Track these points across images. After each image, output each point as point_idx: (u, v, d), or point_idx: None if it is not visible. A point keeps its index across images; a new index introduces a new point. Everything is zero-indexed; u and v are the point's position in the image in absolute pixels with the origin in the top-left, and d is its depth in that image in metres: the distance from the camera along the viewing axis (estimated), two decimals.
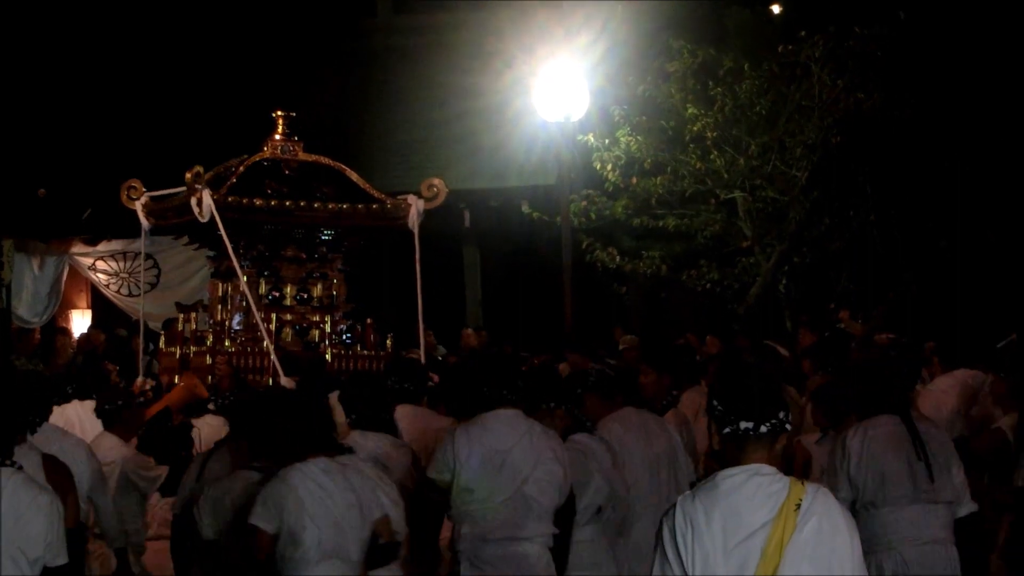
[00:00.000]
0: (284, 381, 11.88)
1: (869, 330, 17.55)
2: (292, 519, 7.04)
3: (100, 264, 22.83)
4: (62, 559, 6.25)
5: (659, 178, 21.85)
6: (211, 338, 13.64)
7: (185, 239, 16.88)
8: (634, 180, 22.02)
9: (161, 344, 14.53)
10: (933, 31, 21.49)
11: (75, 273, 23.16)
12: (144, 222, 13.66)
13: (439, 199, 14.22)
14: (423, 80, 26.06)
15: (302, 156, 14.16)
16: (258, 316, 13.07)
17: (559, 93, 20.73)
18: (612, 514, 8.86)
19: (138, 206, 13.61)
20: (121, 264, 22.71)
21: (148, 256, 21.49)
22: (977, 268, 21.59)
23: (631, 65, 22.27)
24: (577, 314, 20.27)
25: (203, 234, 13.91)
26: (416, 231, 14.17)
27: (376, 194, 14.05)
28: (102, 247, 22.73)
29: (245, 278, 13.35)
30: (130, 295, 22.32)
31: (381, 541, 7.20)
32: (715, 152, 21.42)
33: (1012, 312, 17.66)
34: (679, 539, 5.12)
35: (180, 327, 14.10)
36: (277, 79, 25.26)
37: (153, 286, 22.36)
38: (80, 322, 23.74)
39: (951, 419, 11.86)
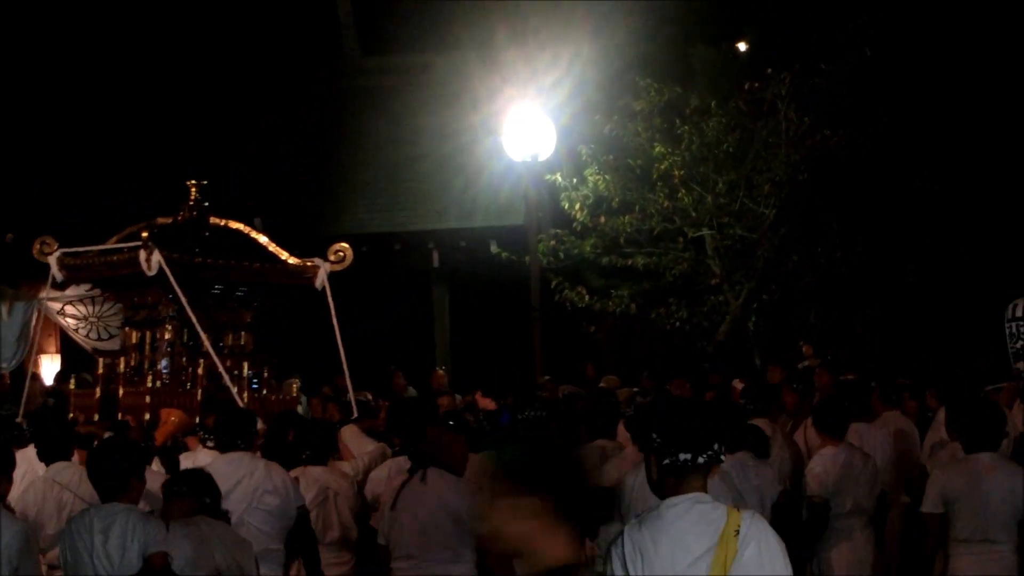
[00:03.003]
0: None
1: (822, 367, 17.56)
2: None
3: (69, 309, 22.72)
4: None
5: (627, 217, 21.90)
6: (150, 379, 14.12)
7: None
8: (602, 219, 22.06)
9: (72, 384, 15.14)
10: (899, 66, 21.63)
11: (45, 318, 23.09)
12: (58, 275, 14.30)
13: (345, 263, 14.79)
14: (390, 120, 26.03)
15: (213, 220, 14.69)
16: (218, 362, 13.64)
17: (526, 133, 20.75)
18: None
19: (52, 260, 14.20)
20: (90, 308, 22.61)
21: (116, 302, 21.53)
22: (947, 297, 21.72)
23: (597, 104, 22.32)
24: (547, 353, 20.26)
25: (119, 286, 14.63)
26: (328, 292, 14.74)
27: (283, 256, 14.64)
28: (71, 291, 22.61)
29: (170, 327, 14.05)
30: (99, 339, 22.28)
31: None
32: (683, 190, 21.49)
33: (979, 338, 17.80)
34: (629, 565, 5.46)
35: (100, 370, 14.50)
36: (241, 121, 25.31)
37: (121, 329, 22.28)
38: (50, 367, 23.63)
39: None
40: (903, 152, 21.71)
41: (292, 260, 14.71)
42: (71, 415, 14.08)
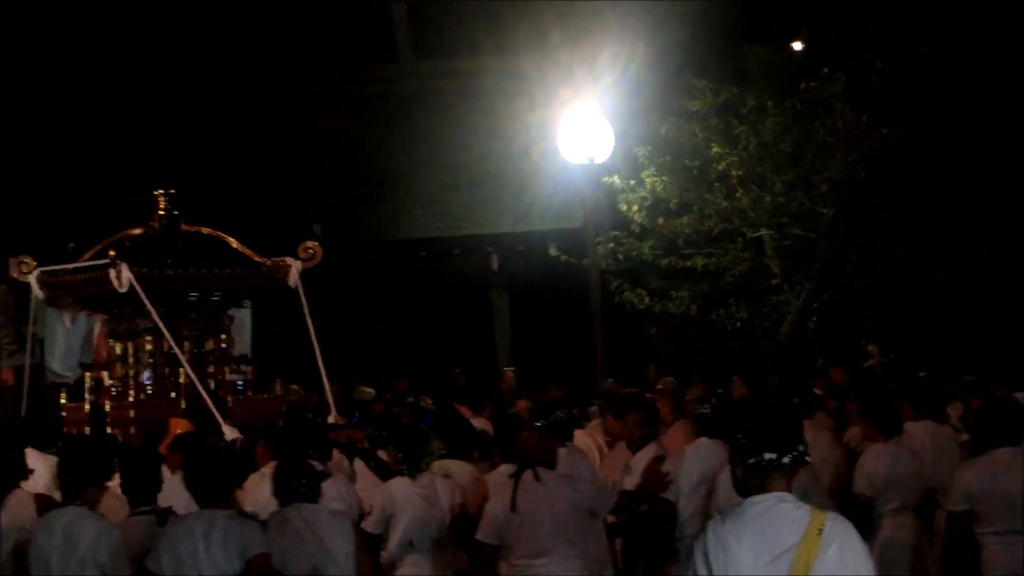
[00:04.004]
0: (226, 429, 12.60)
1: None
2: None
3: None
4: None
5: (685, 218, 21.90)
6: (133, 392, 14.62)
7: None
8: (660, 220, 22.05)
9: (63, 399, 15.44)
10: (956, 63, 21.54)
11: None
12: (39, 293, 14.67)
13: (315, 260, 15.03)
14: (447, 124, 26.11)
15: (185, 228, 15.05)
16: (189, 370, 14.02)
17: (583, 135, 20.73)
18: None
19: (31, 279, 14.56)
20: None
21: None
22: (1009, 295, 21.68)
23: (653, 106, 22.31)
24: (607, 355, 20.29)
25: (99, 301, 14.93)
26: (300, 290, 14.99)
27: (256, 258, 14.93)
28: None
29: (150, 339, 14.43)
30: None
31: None
32: (741, 191, 21.45)
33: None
34: (712, 560, 5.52)
35: (88, 383, 14.89)
36: (297, 126, 25.45)
37: None
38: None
39: None
40: (958, 149, 21.63)
41: (265, 261, 14.91)
42: (64, 428, 14.47)
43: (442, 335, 24.88)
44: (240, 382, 14.84)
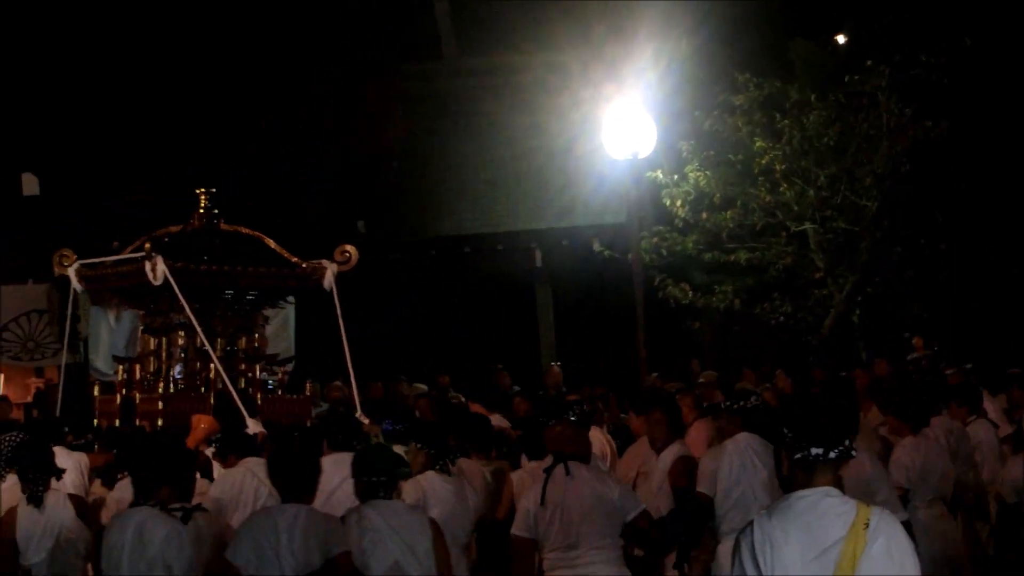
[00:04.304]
0: (251, 423, 12.55)
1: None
2: None
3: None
4: None
5: (729, 212, 21.89)
6: (162, 386, 14.77)
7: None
8: (704, 215, 22.04)
9: (96, 392, 15.63)
10: (999, 56, 21.45)
11: None
12: (77, 285, 14.82)
13: (351, 263, 15.20)
14: (490, 120, 26.15)
15: (224, 227, 15.22)
16: (219, 367, 14.15)
17: (626, 130, 20.77)
18: None
19: (71, 272, 14.74)
20: (26, 329, 22.86)
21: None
22: None
23: (696, 100, 22.31)
24: (650, 350, 20.30)
25: (135, 295, 15.13)
26: (335, 292, 15.10)
27: (292, 259, 15.10)
28: None
29: (183, 333, 14.60)
30: (36, 358, 22.70)
31: None
32: (784, 184, 21.43)
33: None
34: (758, 554, 5.51)
35: (120, 376, 15.06)
36: (343, 121, 25.53)
37: None
38: None
39: None
40: (1003, 142, 21.53)
41: (301, 263, 15.10)
42: (95, 420, 14.64)
43: (486, 332, 24.90)
44: (271, 381, 14.97)
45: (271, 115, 25.53)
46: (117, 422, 14.29)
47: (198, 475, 10.15)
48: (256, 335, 15.25)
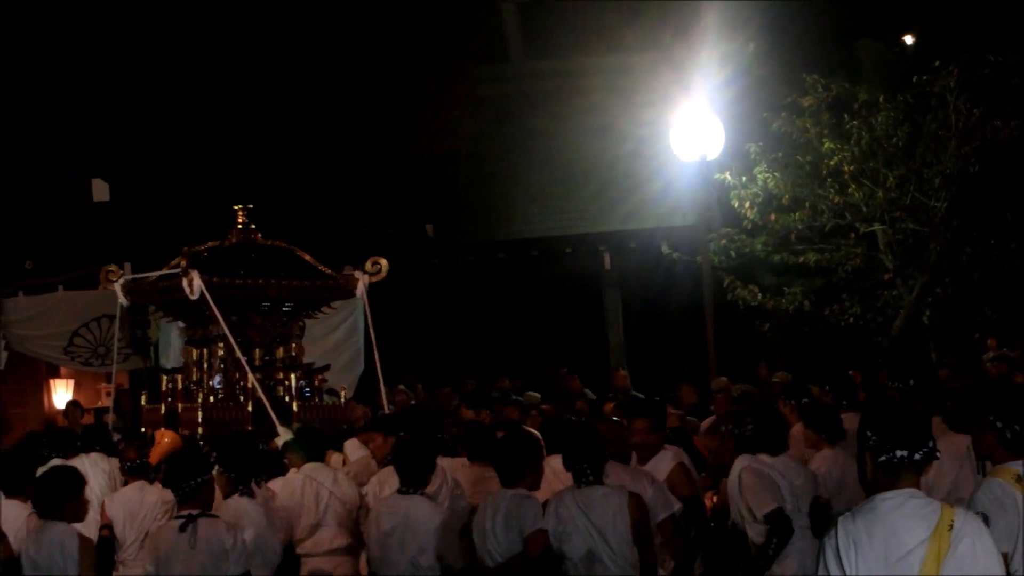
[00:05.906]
0: (281, 431, 12.81)
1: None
2: None
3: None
4: None
5: (798, 213, 21.81)
6: (201, 396, 15.46)
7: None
8: (773, 216, 21.97)
9: (143, 401, 16.58)
10: None
11: None
12: (123, 300, 15.46)
13: (381, 274, 15.83)
14: (557, 124, 26.21)
15: (260, 241, 15.89)
16: (252, 376, 14.59)
17: (694, 132, 20.78)
18: None
19: (117, 287, 15.42)
20: (96, 334, 22.95)
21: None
22: None
23: (765, 102, 22.27)
24: (719, 352, 20.30)
25: (177, 308, 15.80)
26: (366, 301, 15.78)
27: (325, 271, 15.76)
28: None
29: (222, 345, 15.28)
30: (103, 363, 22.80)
31: None
32: (853, 186, 21.34)
33: None
34: (843, 555, 5.60)
35: (164, 387, 15.73)
36: (412, 125, 25.65)
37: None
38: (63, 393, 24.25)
39: None
40: None
41: (333, 274, 15.80)
42: (143, 429, 15.09)
43: (554, 335, 24.98)
44: (308, 390, 15.49)
45: (340, 119, 25.66)
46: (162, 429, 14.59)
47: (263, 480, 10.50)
48: (293, 344, 15.87)
